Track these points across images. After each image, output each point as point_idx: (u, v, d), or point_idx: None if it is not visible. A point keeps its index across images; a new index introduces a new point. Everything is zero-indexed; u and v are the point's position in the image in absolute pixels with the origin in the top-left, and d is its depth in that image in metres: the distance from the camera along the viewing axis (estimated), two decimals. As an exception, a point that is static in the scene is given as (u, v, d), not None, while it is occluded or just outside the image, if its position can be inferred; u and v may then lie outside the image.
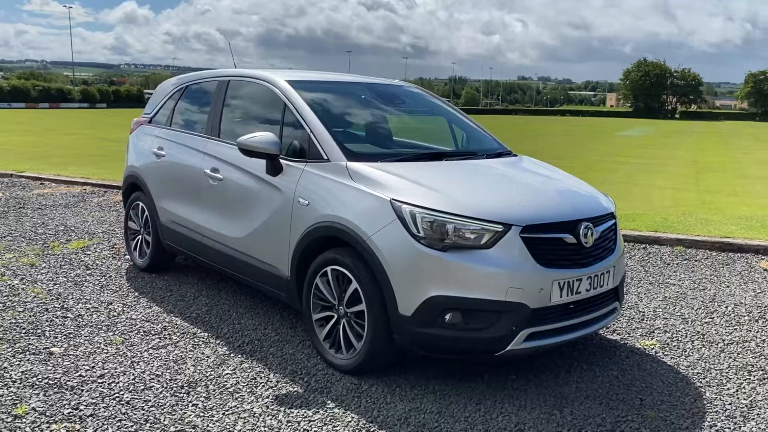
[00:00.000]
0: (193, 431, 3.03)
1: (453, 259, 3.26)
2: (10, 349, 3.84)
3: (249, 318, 4.54)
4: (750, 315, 4.87)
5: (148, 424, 3.06)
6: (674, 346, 4.23)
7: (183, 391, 3.40)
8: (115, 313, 4.53)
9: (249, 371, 3.68)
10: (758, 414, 3.36)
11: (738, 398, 3.53)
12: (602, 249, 3.66)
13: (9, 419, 3.05)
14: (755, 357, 4.09)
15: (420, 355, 3.59)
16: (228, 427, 3.07)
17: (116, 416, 3.12)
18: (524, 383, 3.62)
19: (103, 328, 4.24)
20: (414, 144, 4.91)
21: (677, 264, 6.28)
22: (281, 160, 4.02)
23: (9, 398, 3.25)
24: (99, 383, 3.45)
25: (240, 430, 3.05)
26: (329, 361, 3.75)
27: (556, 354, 3.99)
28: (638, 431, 3.15)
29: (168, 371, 3.64)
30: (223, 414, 3.19)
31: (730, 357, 4.08)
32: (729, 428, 3.21)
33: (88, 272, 5.48)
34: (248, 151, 3.98)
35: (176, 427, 3.04)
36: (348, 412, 3.25)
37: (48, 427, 3.00)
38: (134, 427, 3.03)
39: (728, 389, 3.63)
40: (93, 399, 3.28)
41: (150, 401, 3.28)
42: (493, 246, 3.29)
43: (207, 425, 3.08)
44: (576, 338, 3.63)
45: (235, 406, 3.27)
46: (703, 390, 3.62)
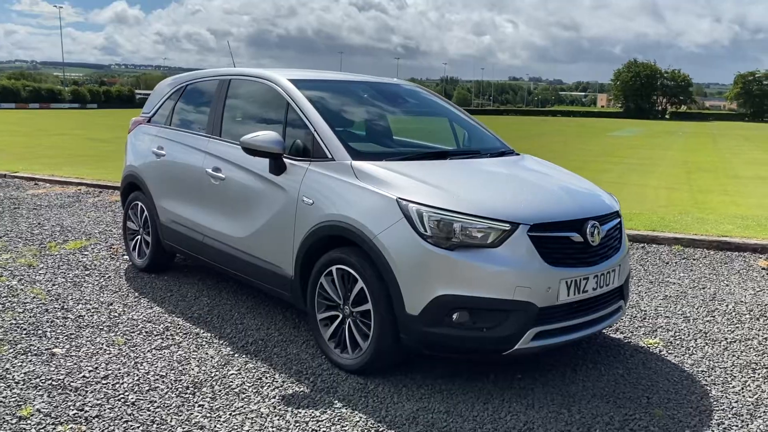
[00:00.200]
0: (201, 432, 3.01)
1: (460, 258, 3.25)
2: (12, 351, 3.80)
3: (251, 318, 4.51)
4: (751, 313, 4.89)
5: (155, 425, 3.03)
6: (678, 345, 4.24)
7: (188, 392, 3.38)
8: (116, 314, 4.49)
9: (254, 371, 3.66)
10: (765, 412, 3.36)
11: (744, 396, 3.54)
12: (608, 247, 3.66)
13: (14, 421, 3.02)
14: (758, 355, 4.10)
15: (426, 355, 3.57)
16: (236, 428, 3.04)
17: (122, 417, 3.09)
18: (531, 382, 3.61)
19: (105, 329, 4.20)
20: (416, 143, 4.90)
21: (676, 263, 6.30)
22: (285, 159, 3.99)
23: (13, 400, 3.21)
24: (103, 384, 3.42)
25: (248, 431, 3.03)
26: (334, 361, 3.73)
27: (561, 353, 3.98)
28: (647, 429, 3.15)
29: (172, 372, 3.61)
30: (230, 415, 3.16)
31: (734, 355, 4.10)
32: (737, 426, 3.22)
33: (87, 273, 5.43)
34: (251, 150, 3.95)
35: (183, 428, 3.02)
36: (356, 412, 3.23)
37: (54, 429, 2.96)
38: (141, 429, 3.00)
39: (733, 387, 3.64)
40: (98, 400, 3.24)
41: (156, 402, 3.25)
42: (501, 245, 3.28)
43: (214, 426, 3.05)
44: (582, 337, 3.63)
45: (242, 407, 3.25)
46: (709, 388, 3.62)
